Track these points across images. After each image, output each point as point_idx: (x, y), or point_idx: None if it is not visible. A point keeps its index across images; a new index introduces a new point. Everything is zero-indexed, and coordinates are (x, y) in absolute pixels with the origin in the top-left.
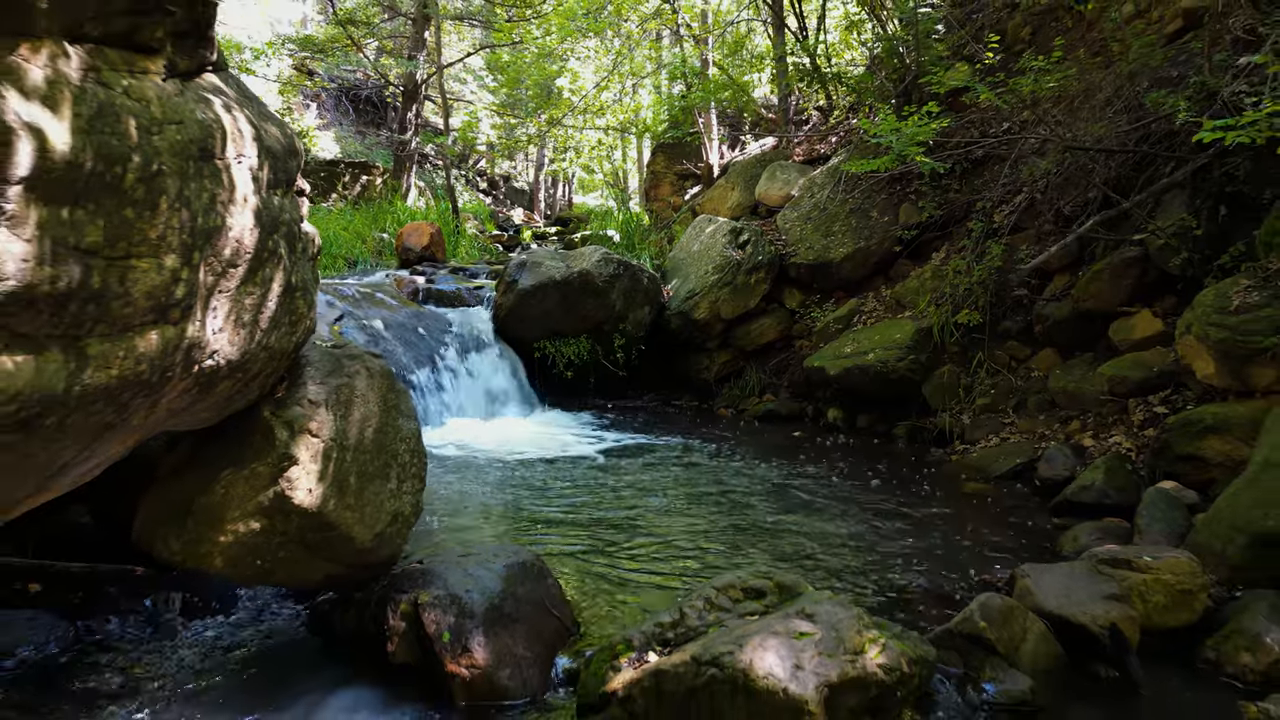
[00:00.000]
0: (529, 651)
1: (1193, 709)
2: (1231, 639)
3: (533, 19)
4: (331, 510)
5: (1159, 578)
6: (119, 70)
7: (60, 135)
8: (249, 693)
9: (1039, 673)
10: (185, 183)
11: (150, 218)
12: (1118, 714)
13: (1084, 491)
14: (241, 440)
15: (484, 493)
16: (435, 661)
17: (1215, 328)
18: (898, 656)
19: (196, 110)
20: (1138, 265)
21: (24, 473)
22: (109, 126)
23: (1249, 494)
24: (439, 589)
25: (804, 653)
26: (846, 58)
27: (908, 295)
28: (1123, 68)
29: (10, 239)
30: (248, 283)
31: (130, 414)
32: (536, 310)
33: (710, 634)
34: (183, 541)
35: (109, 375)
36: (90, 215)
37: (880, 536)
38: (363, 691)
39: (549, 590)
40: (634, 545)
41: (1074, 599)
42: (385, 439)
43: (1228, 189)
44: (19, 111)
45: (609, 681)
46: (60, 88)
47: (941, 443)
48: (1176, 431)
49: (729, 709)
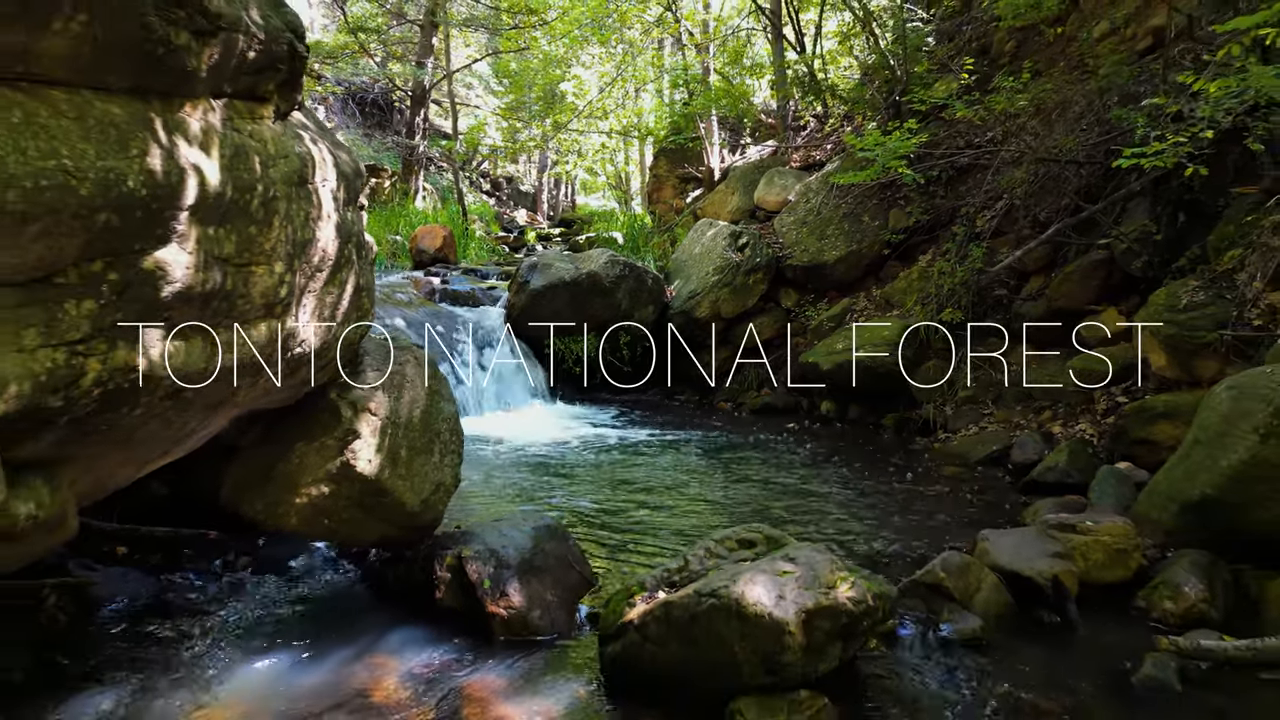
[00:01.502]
0: (555, 597)
1: (1119, 645)
2: (1158, 590)
3: (539, 26)
4: (386, 478)
5: (1098, 539)
6: (245, 118)
7: (212, 172)
8: (314, 633)
9: (990, 617)
10: (290, 204)
11: (266, 233)
12: (1054, 649)
13: (1049, 472)
14: (312, 417)
15: (505, 474)
16: (477, 605)
17: (1166, 324)
18: (864, 592)
19: (295, 145)
20: (1104, 267)
21: (161, 439)
22: (242, 164)
23: (1180, 468)
24: (479, 545)
25: (786, 586)
26: (844, 64)
27: (896, 295)
28: (1093, 84)
29: (179, 252)
30: (329, 284)
31: (239, 391)
32: (547, 309)
33: (710, 575)
34: (264, 503)
35: (231, 358)
36: (227, 232)
37: (863, 509)
38: (415, 630)
39: (570, 549)
40: (641, 516)
41: (1024, 556)
42: (430, 419)
43: (1186, 197)
44: (186, 155)
45: (626, 614)
46: (211, 135)
47: (926, 432)
48: (1132, 418)
49: (725, 630)
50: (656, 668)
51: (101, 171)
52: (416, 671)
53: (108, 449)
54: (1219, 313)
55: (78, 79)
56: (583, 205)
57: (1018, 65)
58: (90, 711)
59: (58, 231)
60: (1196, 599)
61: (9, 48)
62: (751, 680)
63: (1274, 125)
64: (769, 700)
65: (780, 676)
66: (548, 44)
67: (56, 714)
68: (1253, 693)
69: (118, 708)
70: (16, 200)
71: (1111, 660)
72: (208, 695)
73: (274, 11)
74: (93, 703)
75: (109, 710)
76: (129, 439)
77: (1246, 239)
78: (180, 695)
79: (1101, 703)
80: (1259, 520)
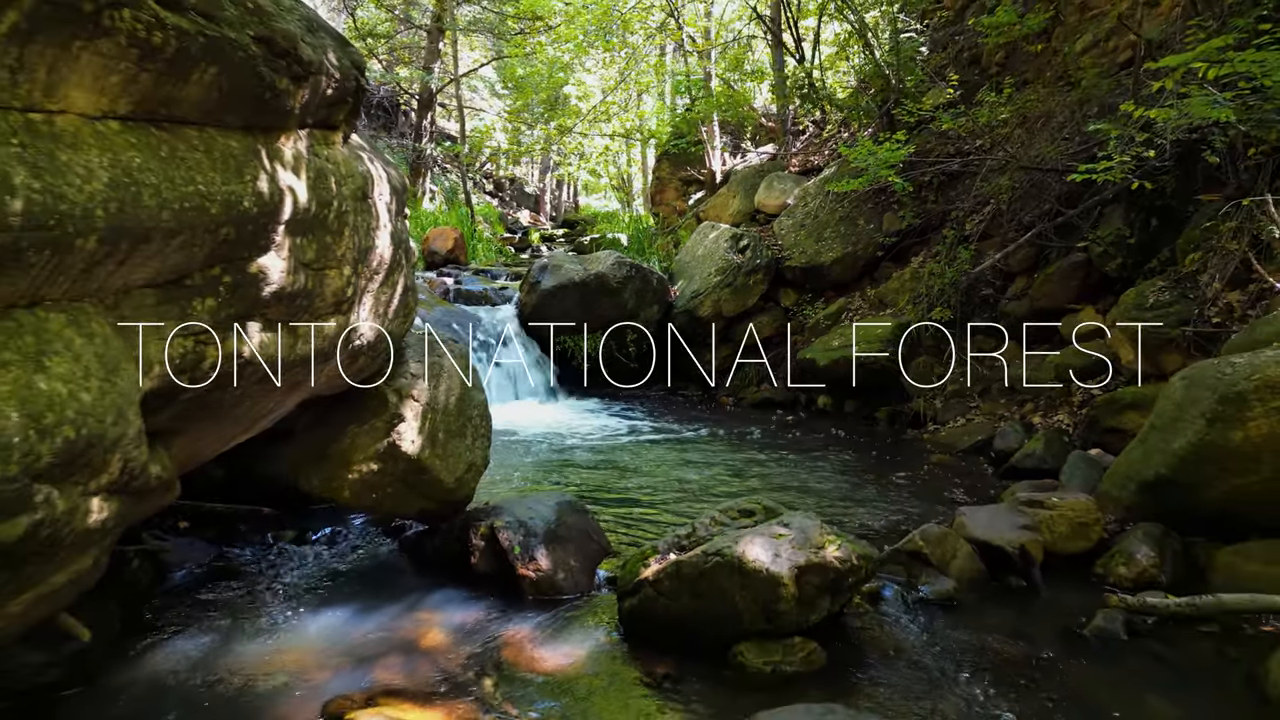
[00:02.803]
0: (577, 562)
1: (1077, 605)
2: (1115, 558)
3: (544, 32)
4: (426, 457)
5: (1063, 514)
6: (322, 144)
7: (302, 192)
8: (362, 594)
9: (964, 581)
10: (356, 217)
11: (339, 241)
12: (1020, 608)
13: (1026, 459)
14: (362, 403)
15: (522, 460)
16: (508, 568)
17: (1134, 321)
18: (850, 553)
19: (358, 165)
20: (1083, 269)
21: (246, 417)
22: (322, 183)
23: (1138, 451)
24: (508, 517)
25: (781, 547)
26: (842, 69)
27: (890, 295)
28: (1073, 96)
29: (275, 258)
30: (384, 285)
31: (308, 377)
32: (557, 308)
33: (715, 539)
34: (320, 478)
35: (307, 348)
36: (310, 241)
37: (853, 490)
38: (453, 591)
39: (589, 522)
40: (651, 496)
41: (995, 529)
42: (464, 406)
43: (1158, 203)
44: (283, 179)
45: (642, 573)
46: (300, 161)
47: (917, 424)
48: (1102, 409)
49: (728, 584)
50: (669, 618)
51: (225, 194)
52: (457, 623)
53: (206, 425)
54: (1183, 311)
55: (205, 119)
56: (585, 205)
57: (1007, 75)
58: (179, 653)
59: (193, 243)
60: (1147, 565)
61: (160, 96)
62: (751, 627)
63: (1233, 138)
64: (767, 644)
65: (776, 624)
66: (552, 48)
67: (152, 655)
68: (1190, 642)
69: (202, 651)
70: (169, 219)
71: (1069, 617)
72: (276, 642)
73: (344, 53)
74: (180, 647)
75: (195, 653)
76: (223, 416)
77: (1208, 243)
78: (253, 642)
79: (1056, 650)
80: (1206, 498)
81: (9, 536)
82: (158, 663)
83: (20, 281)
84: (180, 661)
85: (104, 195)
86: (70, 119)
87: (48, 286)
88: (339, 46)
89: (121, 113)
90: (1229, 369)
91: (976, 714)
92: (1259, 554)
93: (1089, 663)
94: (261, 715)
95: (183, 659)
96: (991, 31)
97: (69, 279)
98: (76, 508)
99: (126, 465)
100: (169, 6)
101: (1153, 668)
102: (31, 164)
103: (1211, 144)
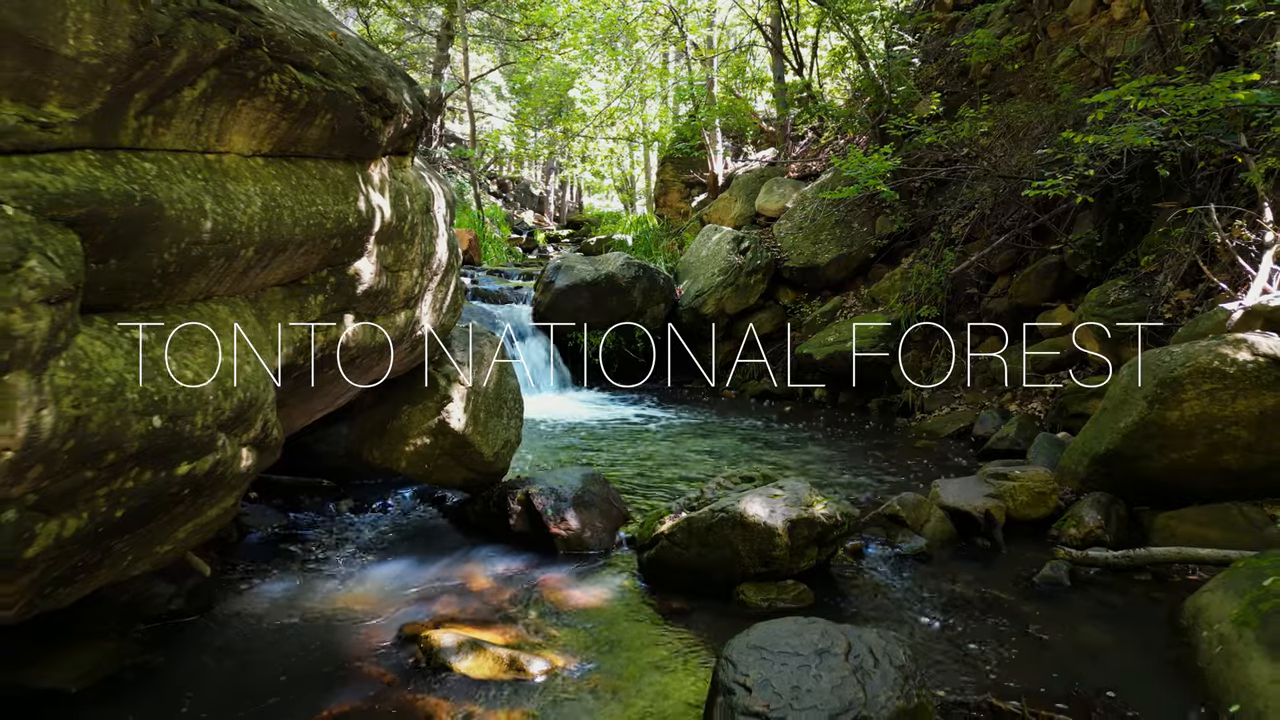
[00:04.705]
0: (601, 524)
1: (1033, 560)
2: (1067, 521)
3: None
4: (470, 434)
5: (1024, 484)
6: (398, 167)
7: (386, 208)
8: (415, 550)
9: (935, 540)
10: (422, 227)
11: (410, 249)
12: (982, 562)
13: (1000, 441)
14: (414, 386)
15: (545, 443)
16: (542, 528)
17: (1097, 317)
18: (834, 510)
19: (423, 184)
20: (1057, 270)
21: (331, 394)
22: (399, 201)
23: (1092, 429)
24: (541, 485)
25: (776, 504)
26: (840, 75)
27: (881, 293)
28: (1048, 111)
29: (367, 263)
30: (441, 284)
31: (380, 361)
32: (570, 306)
33: (720, 499)
34: (380, 451)
35: (383, 336)
36: (389, 248)
37: (844, 468)
38: (494, 548)
39: (610, 491)
40: (661, 472)
41: (965, 496)
42: (500, 389)
43: (1124, 209)
44: (374, 198)
45: (658, 528)
46: (385, 182)
47: (905, 413)
48: (1069, 396)
49: (731, 535)
50: (681, 564)
51: (336, 212)
52: (500, 572)
53: (300, 399)
54: (1140, 308)
55: (320, 153)
56: (589, 207)
57: (994, 86)
58: (270, 594)
59: (312, 251)
60: (1094, 526)
61: (291, 137)
62: (751, 570)
63: (1185, 153)
64: (764, 585)
65: (772, 568)
66: (560, 55)
67: (249, 594)
68: (1125, 589)
69: (289, 592)
70: (299, 233)
71: (1024, 569)
72: (348, 586)
73: (412, 91)
74: (270, 589)
75: (283, 594)
76: (315, 393)
77: (1163, 247)
78: (329, 586)
79: (1011, 594)
80: (1148, 469)
81: (200, 470)
82: (255, 600)
83: (203, 281)
84: (273, 599)
85: (259, 217)
86: (232, 158)
87: (217, 285)
88: (409, 87)
89: (265, 151)
90: (1167, 357)
91: (941, 639)
92: (1193, 518)
93: (1037, 603)
94: (350, 637)
95: (275, 598)
96: (973, 51)
97: (231, 279)
98: (236, 454)
99: (265, 424)
100: (302, 70)
101: (1091, 607)
102: (213, 194)
103: (1163, 158)
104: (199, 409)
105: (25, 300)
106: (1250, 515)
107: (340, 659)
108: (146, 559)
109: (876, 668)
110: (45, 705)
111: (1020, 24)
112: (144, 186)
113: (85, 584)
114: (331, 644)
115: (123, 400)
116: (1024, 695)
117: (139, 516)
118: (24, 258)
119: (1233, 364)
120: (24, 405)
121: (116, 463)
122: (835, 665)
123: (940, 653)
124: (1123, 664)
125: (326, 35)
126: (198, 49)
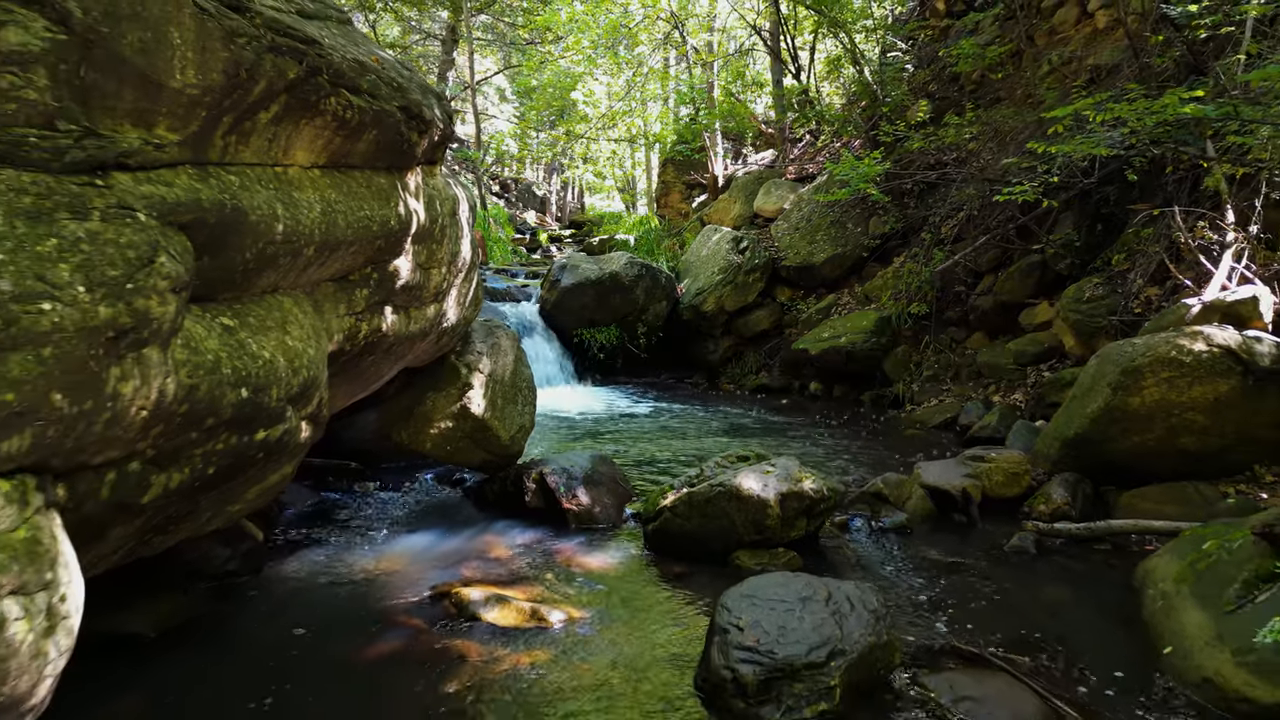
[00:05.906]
0: (609, 500)
1: (1004, 533)
2: (1038, 499)
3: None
4: (488, 418)
5: (1000, 466)
6: (429, 175)
7: (421, 212)
8: (438, 524)
9: (916, 515)
10: (449, 229)
11: (440, 248)
12: (959, 535)
13: (982, 429)
14: (438, 374)
15: (554, 431)
16: (555, 504)
17: (1074, 313)
18: (821, 486)
19: (450, 189)
20: (1039, 268)
21: (367, 378)
22: (431, 205)
23: (1062, 415)
24: (554, 465)
25: (768, 479)
26: (837, 79)
27: (874, 291)
28: (1031, 117)
29: (404, 260)
30: (465, 280)
31: (411, 349)
32: (575, 304)
33: (718, 475)
34: (408, 433)
35: (416, 326)
36: (423, 248)
37: (835, 454)
38: (511, 522)
39: (617, 472)
40: (663, 456)
41: (944, 477)
42: (516, 378)
43: (1102, 210)
44: (410, 203)
45: (661, 502)
46: (419, 190)
47: (896, 406)
48: (1047, 387)
49: (728, 506)
50: (683, 534)
51: (381, 216)
52: (518, 542)
53: (343, 382)
54: (1112, 303)
55: (364, 164)
56: (590, 207)
57: (984, 92)
58: (311, 559)
59: (360, 251)
60: (1061, 503)
61: (343, 151)
62: (745, 538)
63: (1154, 159)
64: (757, 551)
65: (764, 537)
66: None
67: (293, 559)
68: (1087, 557)
69: (327, 559)
70: (350, 235)
71: (996, 541)
72: (379, 554)
73: (441, 106)
74: (310, 556)
75: (322, 560)
76: (356, 377)
77: (1134, 246)
78: (362, 553)
79: (981, 561)
80: (1113, 451)
81: (273, 437)
82: (299, 564)
83: (272, 276)
84: (315, 564)
85: (319, 220)
86: (296, 169)
87: (283, 280)
88: (439, 102)
89: (321, 164)
90: (1130, 348)
91: (915, 596)
92: (1153, 495)
93: (1005, 569)
94: (386, 595)
95: (315, 563)
96: (960, 60)
97: (294, 274)
98: (298, 426)
99: (320, 402)
100: (354, 92)
101: (1054, 572)
102: (283, 201)
103: (1132, 164)
104: (274, 384)
105: (160, 289)
106: (1205, 493)
107: (379, 612)
108: (220, 516)
109: (852, 611)
110: (129, 648)
111: (1009, 32)
112: (232, 195)
113: (174, 534)
114: (370, 600)
115: (220, 374)
116: (984, 641)
117: (225, 474)
118: (156, 254)
119: (1189, 354)
120: (156, 374)
121: (213, 427)
122: (816, 609)
123: (913, 607)
124: (1078, 619)
125: (370, 60)
126: (274, 78)
